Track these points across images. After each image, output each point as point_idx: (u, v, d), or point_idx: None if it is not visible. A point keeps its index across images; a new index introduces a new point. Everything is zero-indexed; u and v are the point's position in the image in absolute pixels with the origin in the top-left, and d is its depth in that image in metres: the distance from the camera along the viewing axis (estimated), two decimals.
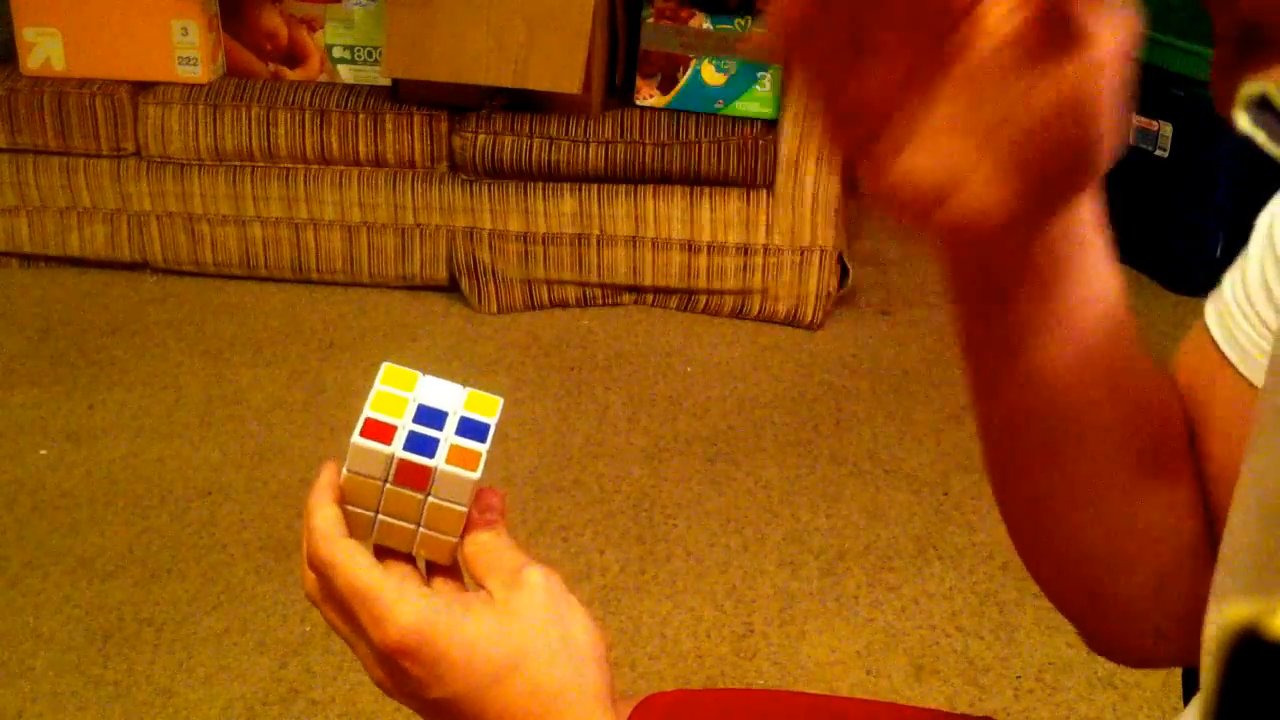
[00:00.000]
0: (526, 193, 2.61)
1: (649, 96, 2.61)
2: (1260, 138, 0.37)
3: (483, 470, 0.61)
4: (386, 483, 0.61)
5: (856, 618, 1.90)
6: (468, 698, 0.58)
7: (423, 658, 0.57)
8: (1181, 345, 0.65)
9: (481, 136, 2.56)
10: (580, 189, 2.60)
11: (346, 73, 2.72)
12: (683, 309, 2.68)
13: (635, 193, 2.59)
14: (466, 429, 0.62)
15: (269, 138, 2.64)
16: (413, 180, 2.64)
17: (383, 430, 0.61)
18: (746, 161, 2.53)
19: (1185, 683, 0.94)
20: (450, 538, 0.62)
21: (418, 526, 0.62)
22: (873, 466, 2.22)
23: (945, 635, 1.87)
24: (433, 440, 0.61)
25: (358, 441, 0.60)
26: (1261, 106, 0.37)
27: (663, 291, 2.67)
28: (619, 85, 2.66)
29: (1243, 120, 0.37)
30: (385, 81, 2.65)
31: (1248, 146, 0.39)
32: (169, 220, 2.73)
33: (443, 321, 2.66)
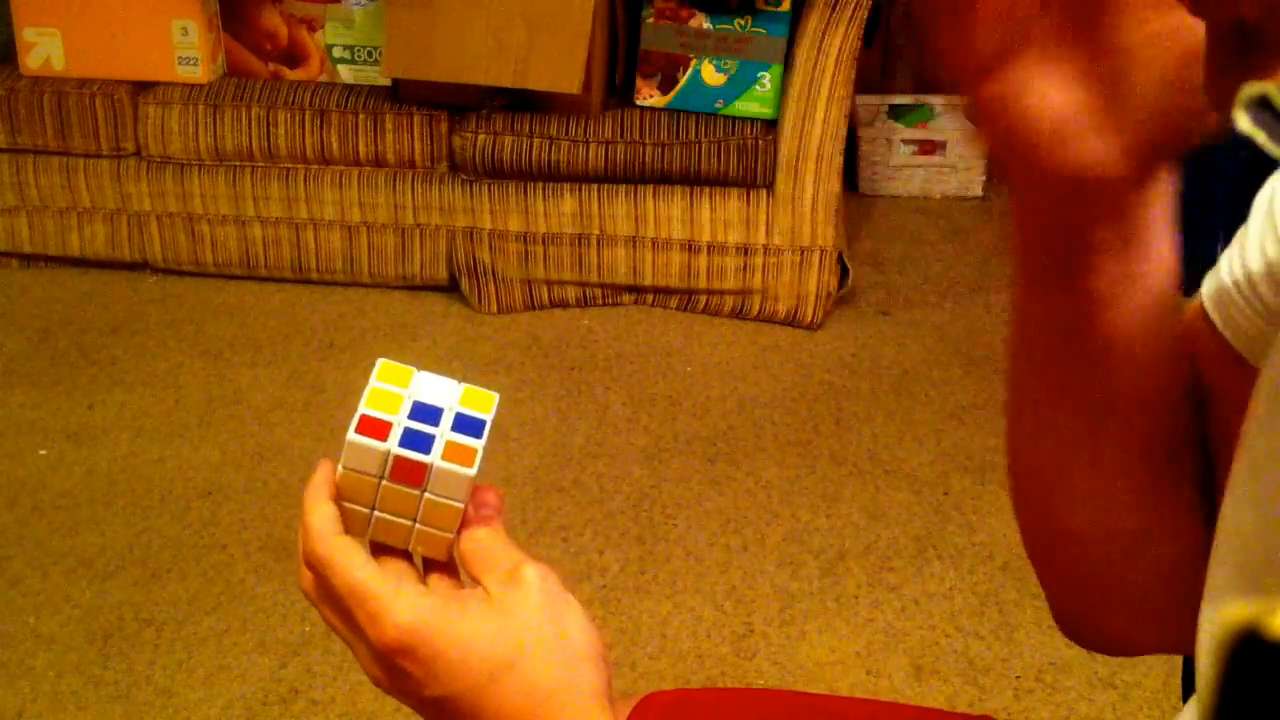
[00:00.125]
0: (526, 193, 2.61)
1: (649, 96, 2.61)
2: (1260, 138, 0.37)
3: (479, 466, 0.61)
4: (382, 479, 0.61)
5: (856, 618, 1.90)
6: (464, 696, 0.58)
7: (419, 656, 0.57)
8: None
9: (481, 136, 2.56)
10: (580, 189, 2.60)
11: (346, 73, 2.72)
12: (683, 309, 2.68)
13: (635, 193, 2.59)
14: (462, 425, 0.62)
15: (269, 138, 2.64)
16: (413, 180, 2.64)
17: (378, 427, 0.61)
18: (746, 161, 2.53)
19: (1185, 682, 0.94)
20: (447, 534, 0.62)
21: (414, 523, 0.62)
22: (873, 466, 2.22)
23: (945, 635, 1.87)
24: (428, 437, 0.61)
25: (353, 438, 0.60)
26: (1261, 106, 0.37)
27: (663, 291, 2.67)
28: (619, 85, 2.66)
29: (1243, 120, 0.37)
30: (385, 81, 2.65)
31: (1247, 147, 0.39)
32: (169, 220, 2.73)
33: (443, 321, 2.66)
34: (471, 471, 0.60)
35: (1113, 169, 0.45)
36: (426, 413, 0.62)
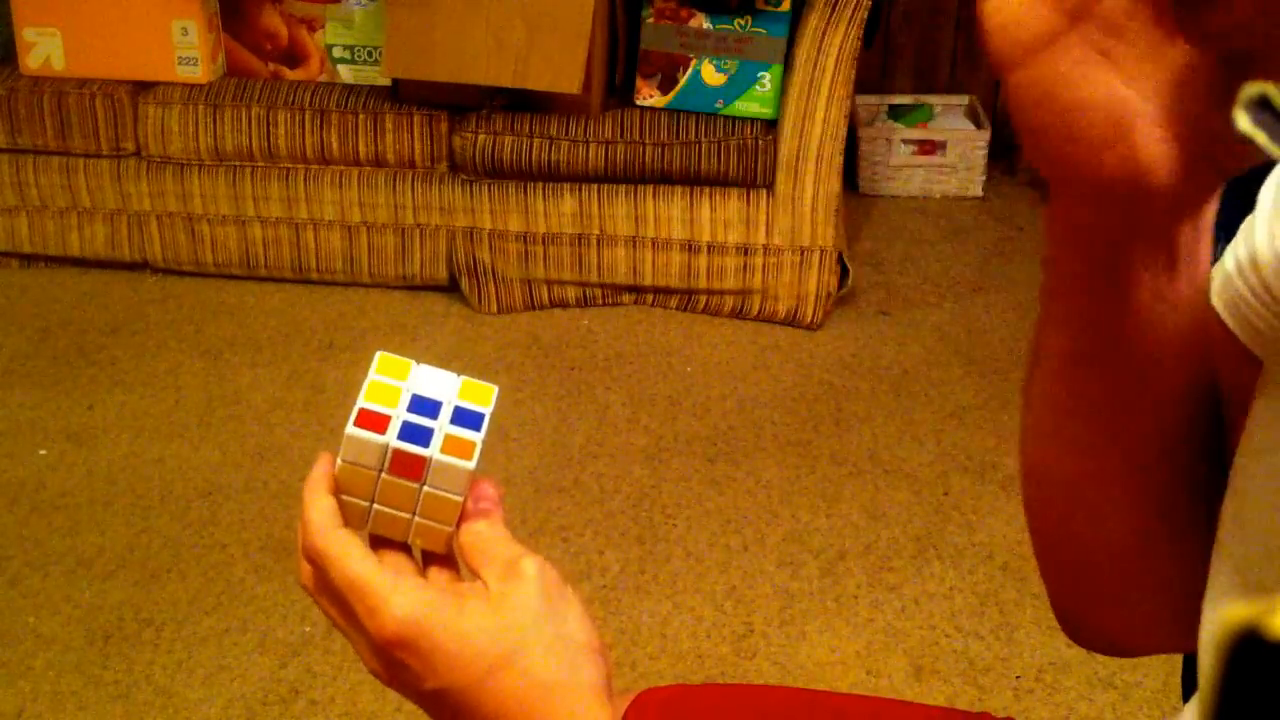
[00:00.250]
0: (526, 193, 2.61)
1: (649, 96, 2.61)
2: (1260, 138, 0.36)
3: (478, 459, 0.60)
4: (381, 472, 0.61)
5: (856, 618, 1.90)
6: (463, 691, 0.57)
7: (418, 649, 0.57)
8: None
9: (481, 136, 2.56)
10: (580, 189, 2.60)
11: (346, 73, 2.72)
12: (683, 309, 2.68)
13: (635, 193, 2.59)
14: (461, 418, 0.61)
15: (269, 138, 2.63)
16: (413, 180, 2.64)
17: (377, 420, 0.60)
18: (746, 161, 2.53)
19: (1184, 682, 0.94)
20: (446, 527, 0.62)
21: (413, 516, 0.62)
22: (873, 466, 2.22)
23: (945, 635, 1.87)
24: (427, 430, 0.61)
25: (352, 431, 0.60)
26: (1261, 106, 0.37)
27: (663, 291, 2.67)
28: (619, 85, 2.66)
29: (1243, 120, 0.37)
30: (385, 81, 2.65)
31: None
32: (169, 220, 2.73)
33: (443, 321, 2.66)
34: (470, 465, 0.60)
35: (1168, 179, 0.42)
36: (425, 406, 0.61)
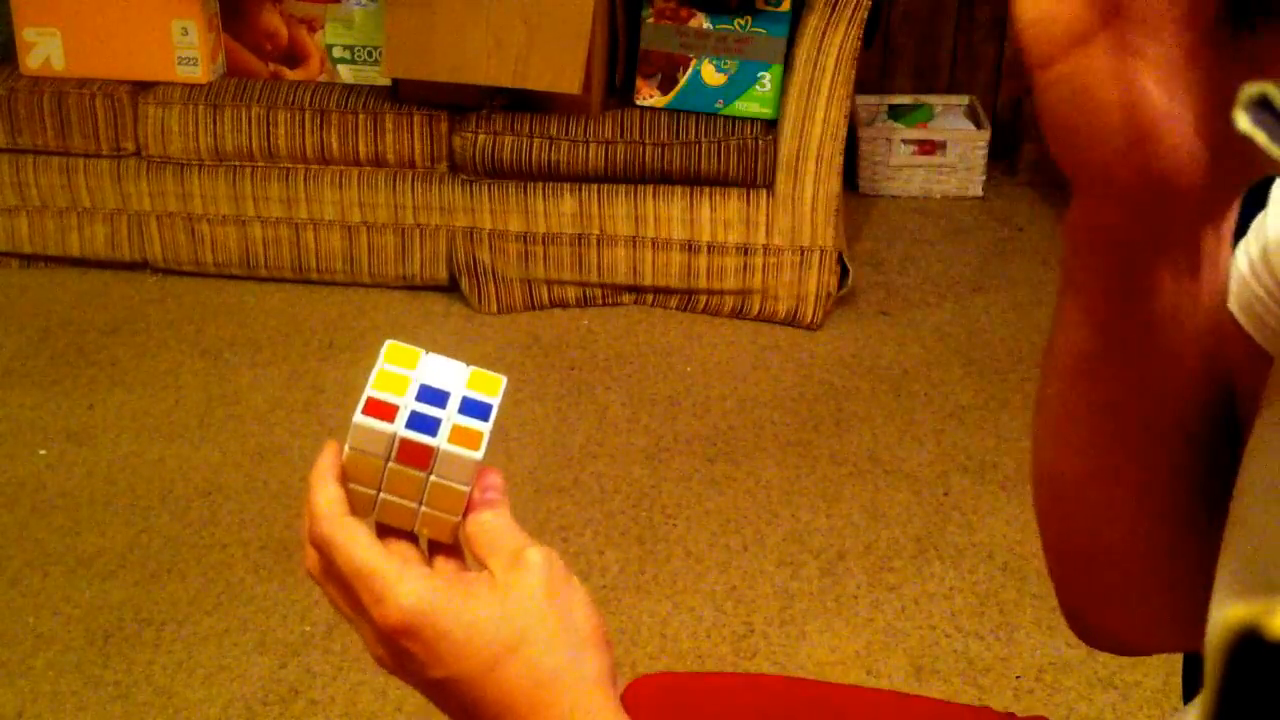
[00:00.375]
0: (526, 193, 2.61)
1: (649, 96, 2.61)
2: (1260, 138, 0.36)
3: (485, 450, 0.61)
4: (389, 461, 0.61)
5: (856, 618, 1.90)
6: (467, 680, 0.58)
7: (423, 638, 0.57)
8: None
9: (481, 136, 2.56)
10: (580, 189, 2.60)
11: (346, 73, 2.72)
12: (683, 309, 2.68)
13: (635, 193, 2.59)
14: (469, 408, 0.62)
15: (269, 138, 2.63)
16: (413, 180, 2.64)
17: (385, 409, 0.60)
18: (746, 161, 2.53)
19: (1185, 682, 0.94)
20: (452, 517, 0.62)
21: (419, 505, 0.62)
22: (873, 466, 2.22)
23: (945, 635, 1.87)
24: (435, 419, 0.61)
25: (360, 420, 0.60)
26: (1261, 106, 0.36)
27: (663, 291, 2.67)
28: (619, 85, 2.66)
29: (1243, 120, 0.37)
30: (385, 81, 2.65)
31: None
32: (169, 220, 2.73)
33: (443, 321, 2.66)
34: (478, 455, 0.60)
35: (1194, 182, 0.41)
36: (433, 396, 0.61)
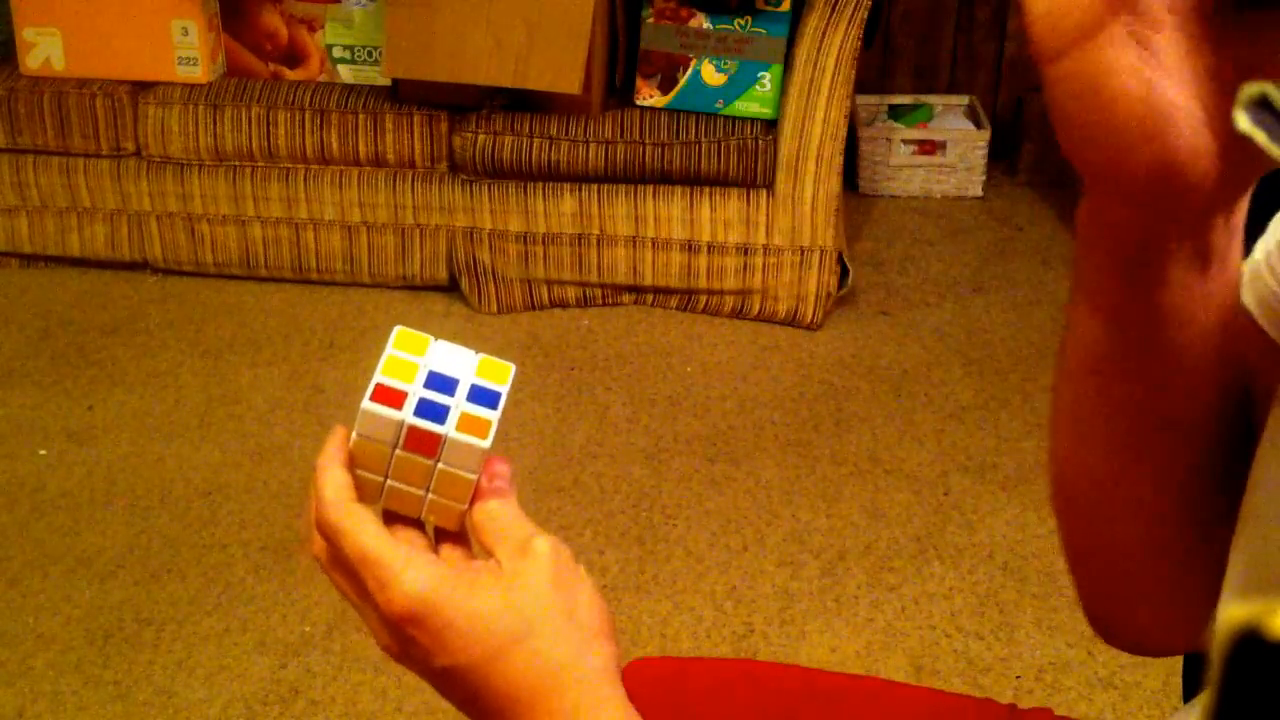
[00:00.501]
0: (526, 193, 2.61)
1: (649, 96, 2.61)
2: (1260, 138, 0.36)
3: (493, 438, 0.60)
4: (396, 448, 0.60)
5: (856, 618, 1.90)
6: (473, 667, 0.57)
7: (429, 626, 0.57)
8: None
9: (481, 136, 2.56)
10: (580, 189, 2.60)
11: (346, 73, 2.72)
12: (683, 309, 2.68)
13: (635, 193, 2.59)
14: (478, 396, 0.61)
15: (269, 138, 2.63)
16: (413, 180, 2.64)
17: (393, 396, 0.60)
18: (746, 161, 2.53)
19: (1185, 682, 0.94)
20: (459, 505, 0.62)
21: (427, 493, 0.61)
22: (873, 466, 2.22)
23: (945, 635, 1.87)
24: (443, 407, 0.60)
25: (368, 406, 0.60)
26: (1261, 106, 0.36)
27: (663, 291, 2.67)
28: (619, 85, 2.66)
29: (1243, 120, 0.37)
30: (385, 81, 2.65)
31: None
32: (169, 220, 2.73)
33: (443, 321, 2.66)
34: (486, 443, 0.60)
35: (1204, 175, 0.41)
36: (442, 383, 0.61)
